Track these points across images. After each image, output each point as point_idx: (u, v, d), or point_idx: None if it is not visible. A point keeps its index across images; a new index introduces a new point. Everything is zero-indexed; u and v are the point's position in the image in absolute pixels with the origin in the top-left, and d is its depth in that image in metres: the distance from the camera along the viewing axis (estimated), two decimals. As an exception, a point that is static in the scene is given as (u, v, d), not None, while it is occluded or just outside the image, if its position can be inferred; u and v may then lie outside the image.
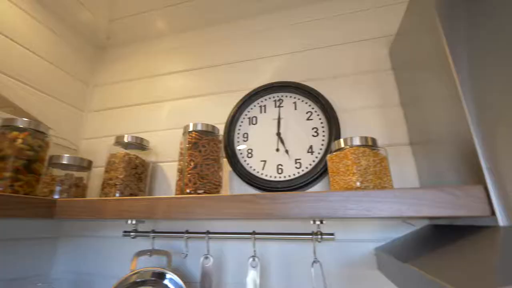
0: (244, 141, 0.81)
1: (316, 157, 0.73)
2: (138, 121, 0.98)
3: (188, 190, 0.64)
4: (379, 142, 0.63)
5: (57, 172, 0.72)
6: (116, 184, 0.73)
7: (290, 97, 0.82)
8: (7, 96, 0.82)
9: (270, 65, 0.90)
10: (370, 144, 0.60)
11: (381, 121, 0.73)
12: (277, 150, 0.77)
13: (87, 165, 0.76)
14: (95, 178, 0.84)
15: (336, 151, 0.62)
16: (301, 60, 0.87)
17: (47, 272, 0.84)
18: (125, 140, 0.80)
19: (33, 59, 0.89)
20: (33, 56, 0.90)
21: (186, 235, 0.67)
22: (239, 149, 0.80)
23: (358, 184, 0.55)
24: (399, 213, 0.45)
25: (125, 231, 0.71)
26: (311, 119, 0.77)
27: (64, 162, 0.72)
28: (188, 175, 0.66)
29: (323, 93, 0.78)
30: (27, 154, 0.68)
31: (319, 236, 0.59)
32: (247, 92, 0.85)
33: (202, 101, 0.93)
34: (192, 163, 0.67)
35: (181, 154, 0.71)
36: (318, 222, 0.58)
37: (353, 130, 0.74)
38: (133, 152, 0.79)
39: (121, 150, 0.79)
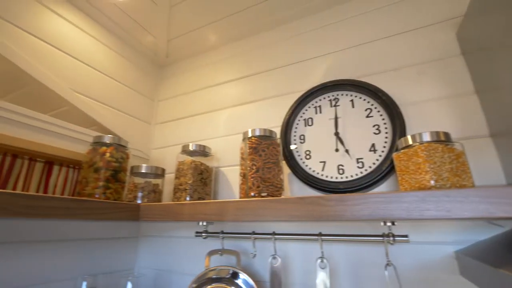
0: (301, 142, 0.82)
1: (380, 156, 0.70)
2: (199, 129, 1.05)
3: (252, 193, 0.67)
4: (453, 136, 0.58)
5: (137, 180, 0.82)
6: (186, 189, 0.80)
7: (346, 95, 0.80)
8: (93, 116, 0.97)
9: (322, 64, 0.89)
10: (443, 139, 0.55)
11: (453, 113, 0.67)
12: (337, 150, 0.76)
13: (161, 173, 0.85)
14: (167, 184, 0.93)
15: (403, 148, 0.59)
16: (355, 56, 0.85)
17: (131, 268, 0.96)
18: (190, 148, 0.87)
19: (108, 82, 1.03)
20: (108, 80, 1.04)
21: (253, 236, 0.70)
22: (297, 151, 0.81)
23: (432, 182, 0.52)
24: (487, 214, 0.41)
25: (197, 232, 0.77)
26: (371, 116, 0.74)
27: (143, 171, 0.82)
28: (251, 179, 0.69)
29: (383, 88, 0.74)
30: (113, 165, 0.79)
31: (391, 238, 0.56)
32: (300, 94, 0.86)
33: (257, 106, 0.96)
34: (254, 167, 0.70)
35: (242, 159, 0.75)
36: (389, 224, 0.55)
37: (420, 125, 0.69)
38: (198, 159, 0.86)
39: (187, 158, 0.86)
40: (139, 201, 0.78)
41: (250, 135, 0.74)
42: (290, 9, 0.97)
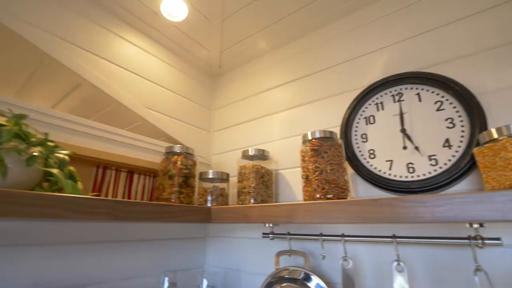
0: (364, 142, 0.79)
1: (456, 152, 0.64)
2: (255, 134, 1.09)
3: (318, 195, 0.68)
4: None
5: (206, 184, 0.89)
6: (250, 192, 0.84)
7: (411, 88, 0.75)
8: (161, 128, 1.07)
9: (380, 59, 0.85)
10: (538, 130, 0.49)
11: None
12: (405, 148, 0.72)
13: (226, 177, 0.91)
14: (230, 187, 0.98)
15: (487, 143, 0.53)
16: (416, 47, 0.79)
17: (202, 266, 1.03)
18: (250, 153, 0.90)
19: (171, 96, 1.13)
20: (171, 94, 1.14)
21: (321, 237, 0.70)
22: (360, 151, 0.79)
23: (529, 179, 0.47)
24: None
25: (264, 233, 0.81)
26: (443, 109, 0.69)
27: (210, 176, 0.88)
28: (316, 181, 0.69)
29: (454, 78, 0.68)
30: (184, 172, 0.87)
31: (480, 241, 0.52)
32: (358, 91, 0.84)
33: (312, 107, 0.96)
34: (317, 170, 0.70)
35: (303, 161, 0.76)
36: (476, 226, 0.51)
37: (504, 116, 0.62)
38: (257, 163, 0.89)
39: (248, 162, 0.90)
40: (209, 204, 0.85)
41: (310, 137, 0.74)
42: (342, 4, 0.94)
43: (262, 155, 0.91)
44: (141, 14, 1.00)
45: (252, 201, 0.82)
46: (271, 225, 0.78)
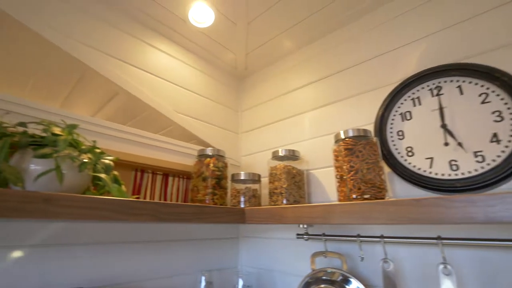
0: (400, 139, 0.76)
1: (506, 147, 0.60)
2: (284, 134, 1.09)
3: (354, 196, 0.66)
4: None
5: (238, 186, 0.90)
6: (282, 193, 0.84)
7: (451, 81, 0.71)
8: (192, 131, 1.10)
9: (414, 51, 0.82)
10: None
11: None
12: (446, 144, 0.68)
13: (257, 178, 0.92)
14: (261, 188, 0.99)
15: (544, 136, 0.49)
16: (454, 37, 0.75)
17: (235, 266, 1.05)
18: (280, 153, 0.90)
19: (199, 100, 1.16)
20: (199, 98, 1.17)
21: (359, 238, 0.69)
22: (396, 148, 0.76)
23: None
24: None
25: (298, 234, 0.80)
26: (488, 102, 0.65)
27: (242, 178, 0.90)
28: (351, 181, 0.68)
29: (502, 68, 0.64)
30: (216, 174, 0.89)
31: (539, 244, 0.48)
32: (392, 87, 0.81)
33: (342, 105, 0.94)
34: (352, 169, 0.69)
35: (336, 161, 0.74)
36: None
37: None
38: (288, 163, 0.89)
39: (278, 163, 0.90)
40: (242, 205, 0.86)
41: (343, 136, 0.73)
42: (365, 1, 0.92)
43: (292, 156, 0.91)
44: (171, 23, 1.04)
45: (284, 201, 0.82)
46: (305, 226, 0.77)
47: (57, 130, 0.53)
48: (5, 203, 0.43)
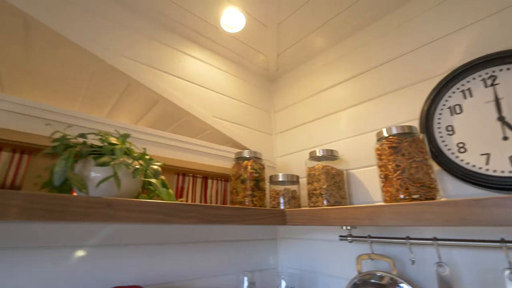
0: (450, 134, 0.72)
1: None
2: (320, 134, 1.07)
3: (401, 196, 0.63)
4: None
5: (277, 187, 0.91)
6: (322, 194, 0.82)
7: (508, 69, 0.65)
8: (228, 135, 1.13)
9: (462, 40, 0.76)
10: None
11: None
12: (505, 138, 0.63)
13: (296, 180, 0.91)
14: (300, 189, 0.98)
15: None
16: (508, 21, 0.68)
17: (275, 267, 1.05)
18: (318, 154, 0.89)
19: (233, 103, 1.19)
20: (233, 101, 1.19)
21: (409, 241, 0.66)
22: (446, 145, 0.72)
23: None
24: None
25: (341, 236, 0.79)
26: (555, 90, 0.58)
27: (280, 179, 0.90)
28: (398, 181, 0.65)
29: None
30: (254, 176, 0.90)
31: None
32: (437, 80, 0.76)
33: (381, 102, 0.91)
34: (398, 168, 0.66)
35: (380, 160, 0.72)
36: None
37: None
38: (326, 163, 0.87)
39: (316, 163, 0.89)
40: (282, 207, 0.86)
41: (386, 134, 0.70)
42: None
43: (331, 155, 0.89)
44: (204, 31, 1.08)
45: (325, 202, 0.81)
46: (348, 227, 0.76)
47: (113, 140, 0.58)
48: (74, 208, 0.47)
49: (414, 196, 0.63)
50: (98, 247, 0.70)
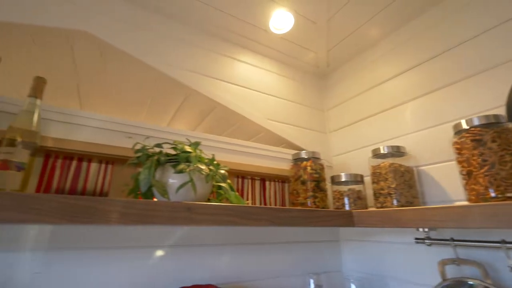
0: (549, 122, 0.62)
1: None
2: (379, 130, 1.01)
3: (492, 195, 0.57)
4: None
5: (341, 188, 0.88)
6: (391, 194, 0.78)
7: None
8: (282, 136, 1.13)
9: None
10: None
11: None
12: None
13: (360, 179, 0.87)
14: (365, 189, 0.94)
15: None
16: None
17: (339, 270, 1.02)
18: (383, 151, 0.84)
19: (285, 104, 1.18)
20: (284, 102, 1.19)
21: (505, 245, 0.58)
22: (545, 134, 0.62)
23: None
24: None
25: (417, 238, 0.73)
26: None
27: (343, 179, 0.87)
28: (486, 177, 0.58)
29: None
30: (314, 176, 0.88)
31: None
32: (528, 59, 0.66)
33: (453, 90, 0.82)
34: (485, 164, 0.59)
35: (459, 154, 0.65)
36: None
37: None
38: (392, 161, 0.82)
39: (382, 161, 0.84)
40: (347, 208, 0.83)
41: (466, 125, 0.63)
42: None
43: (397, 152, 0.83)
44: (253, 35, 1.10)
45: (395, 203, 0.76)
46: (426, 229, 0.70)
47: (187, 148, 0.62)
48: (161, 212, 0.52)
49: (509, 195, 0.55)
50: (174, 248, 0.76)
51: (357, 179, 0.87)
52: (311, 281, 0.84)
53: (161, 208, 0.52)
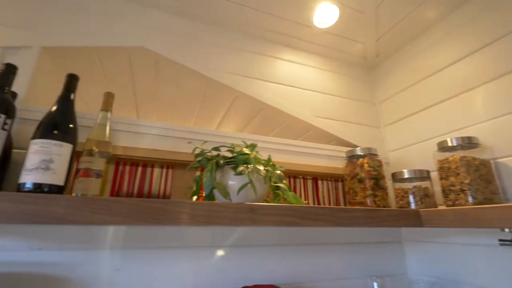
0: None
1: None
2: (444, 120, 0.92)
3: None
4: None
5: (405, 185, 0.82)
6: (464, 190, 0.70)
7: None
8: (332, 133, 1.09)
9: None
10: None
11: None
12: None
13: (426, 175, 0.80)
14: (432, 186, 0.86)
15: None
16: None
17: (403, 273, 0.95)
18: (450, 143, 0.76)
19: (333, 99, 1.14)
20: (332, 97, 1.15)
21: None
22: None
23: None
24: None
25: (501, 240, 0.65)
26: None
27: (406, 176, 0.81)
28: None
29: None
30: (373, 174, 0.83)
31: None
32: None
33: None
34: None
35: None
36: None
37: None
38: (462, 153, 0.74)
39: (450, 154, 0.76)
40: (413, 207, 0.77)
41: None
42: None
43: (468, 144, 0.75)
44: (297, 32, 1.08)
45: (470, 200, 0.68)
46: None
47: (246, 150, 0.63)
48: (225, 213, 0.53)
49: None
50: (234, 248, 0.78)
51: (423, 175, 0.80)
52: (375, 284, 0.80)
53: (225, 210, 0.54)
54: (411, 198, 0.77)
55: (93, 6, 0.88)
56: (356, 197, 0.83)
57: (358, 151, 0.87)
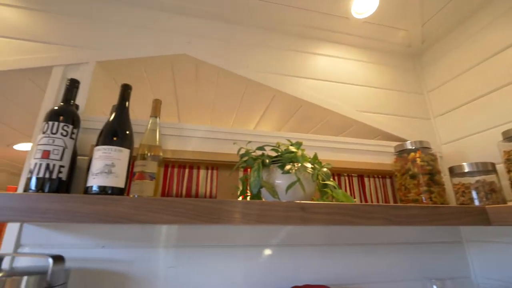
0: None
1: None
2: (505, 108, 0.82)
3: None
4: None
5: (465, 180, 0.75)
6: (542, 184, 0.62)
7: None
8: (377, 127, 1.04)
9: None
10: None
11: None
12: None
13: (492, 168, 0.73)
14: (499, 180, 0.78)
15: None
16: None
17: (467, 276, 0.87)
18: (520, 132, 0.68)
19: (376, 92, 1.09)
20: (376, 90, 1.09)
21: None
22: None
23: None
24: None
25: None
26: None
27: (466, 170, 0.74)
28: None
29: None
30: (427, 169, 0.78)
31: None
32: None
33: None
34: None
35: None
36: None
37: None
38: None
39: (519, 145, 0.68)
40: (476, 203, 0.70)
41: None
42: None
43: (543, 131, 0.66)
44: (333, 25, 1.05)
45: (549, 195, 0.60)
46: None
47: (292, 148, 0.62)
48: (277, 212, 0.53)
49: None
50: (283, 247, 0.78)
51: (487, 168, 0.72)
52: (434, 287, 0.74)
53: (276, 208, 0.53)
54: (474, 194, 0.70)
55: (139, 21, 0.93)
56: (409, 194, 0.78)
57: (409, 145, 0.82)
